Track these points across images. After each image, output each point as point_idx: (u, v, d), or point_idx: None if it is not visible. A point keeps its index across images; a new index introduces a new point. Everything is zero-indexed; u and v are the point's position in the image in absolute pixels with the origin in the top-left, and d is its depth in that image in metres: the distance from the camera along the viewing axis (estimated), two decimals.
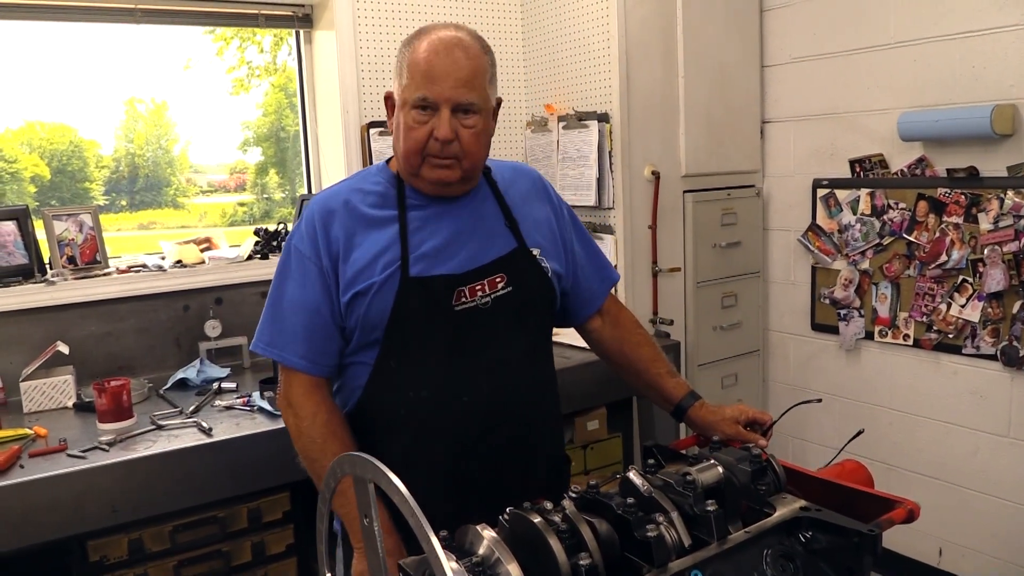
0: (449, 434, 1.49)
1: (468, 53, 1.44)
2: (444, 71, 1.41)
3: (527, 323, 1.56)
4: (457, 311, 1.47)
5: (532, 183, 1.68)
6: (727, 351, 3.34)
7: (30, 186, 3.04)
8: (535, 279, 1.56)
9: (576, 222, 1.74)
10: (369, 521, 0.96)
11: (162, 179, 3.38)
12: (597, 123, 2.99)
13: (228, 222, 3.54)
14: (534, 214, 1.62)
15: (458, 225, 1.52)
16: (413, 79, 1.43)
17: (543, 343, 1.65)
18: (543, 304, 1.59)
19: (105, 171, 3.25)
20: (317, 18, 3.19)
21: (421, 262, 1.47)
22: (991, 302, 2.62)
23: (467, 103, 1.44)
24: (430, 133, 1.43)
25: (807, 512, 1.21)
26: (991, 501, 2.73)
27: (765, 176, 3.41)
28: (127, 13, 2.86)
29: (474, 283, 1.49)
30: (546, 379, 1.64)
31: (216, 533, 2.18)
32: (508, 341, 1.52)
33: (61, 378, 2.48)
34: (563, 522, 1.08)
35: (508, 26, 3.41)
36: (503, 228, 1.56)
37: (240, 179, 3.58)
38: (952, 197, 2.70)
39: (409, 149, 1.45)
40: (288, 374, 1.50)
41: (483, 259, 1.51)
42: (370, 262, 1.46)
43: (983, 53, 2.60)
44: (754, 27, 3.30)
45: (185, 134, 3.41)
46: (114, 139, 3.24)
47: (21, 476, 1.90)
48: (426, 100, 1.42)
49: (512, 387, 1.52)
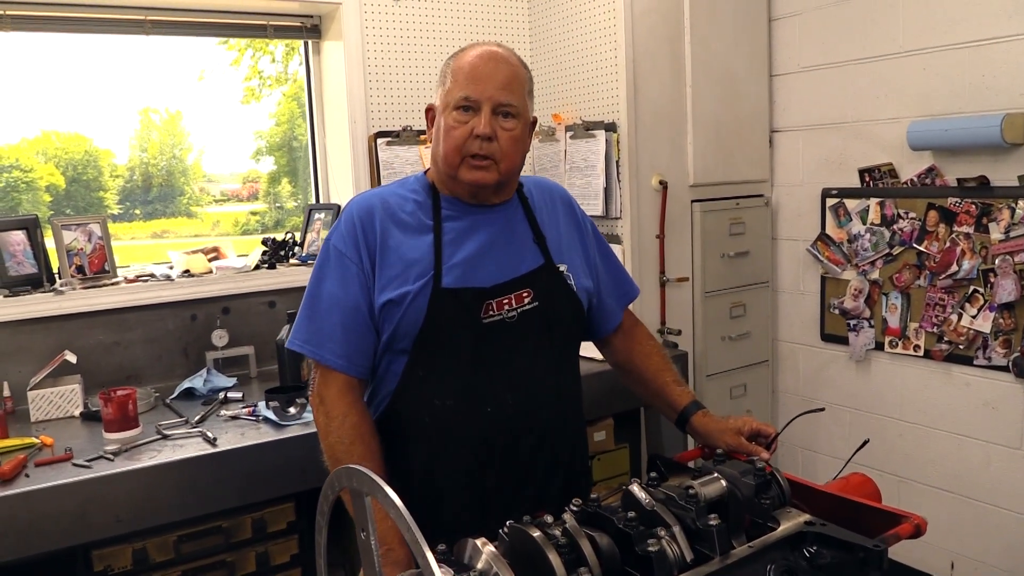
0: (472, 444, 1.51)
1: (510, 62, 1.53)
2: (487, 73, 1.49)
3: (552, 337, 1.58)
4: (485, 324, 1.50)
5: (559, 199, 1.72)
6: (736, 361, 3.32)
7: (45, 195, 3.06)
8: (561, 295, 1.59)
9: (599, 237, 1.78)
10: (366, 535, 0.95)
11: (175, 188, 3.40)
12: (604, 133, 2.98)
13: (240, 231, 3.55)
14: (561, 230, 1.67)
15: (490, 237, 1.56)
16: (457, 82, 1.50)
17: (569, 357, 1.67)
18: (569, 319, 1.62)
19: (119, 180, 3.27)
20: (325, 29, 3.21)
21: (452, 272, 1.50)
22: (1002, 313, 2.60)
23: (507, 104, 1.50)
24: (470, 132, 1.48)
25: (812, 527, 1.20)
26: (1004, 514, 2.70)
27: (774, 185, 3.39)
28: (137, 25, 2.88)
29: (501, 297, 1.52)
30: (570, 393, 1.66)
31: (220, 543, 2.17)
32: (533, 354, 1.55)
33: (68, 387, 2.49)
34: (563, 536, 1.07)
35: (516, 35, 3.42)
36: (531, 244, 1.60)
37: (253, 188, 3.59)
38: (962, 207, 2.67)
39: (449, 148, 1.50)
40: (324, 372, 1.52)
41: (512, 273, 1.54)
42: (404, 269, 1.50)
43: (993, 62, 2.58)
44: (763, 36, 3.29)
45: (199, 143, 3.44)
46: (128, 148, 3.26)
47: (27, 485, 1.90)
48: (469, 99, 1.48)
49: (535, 399, 1.55)
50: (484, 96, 1.48)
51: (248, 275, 2.95)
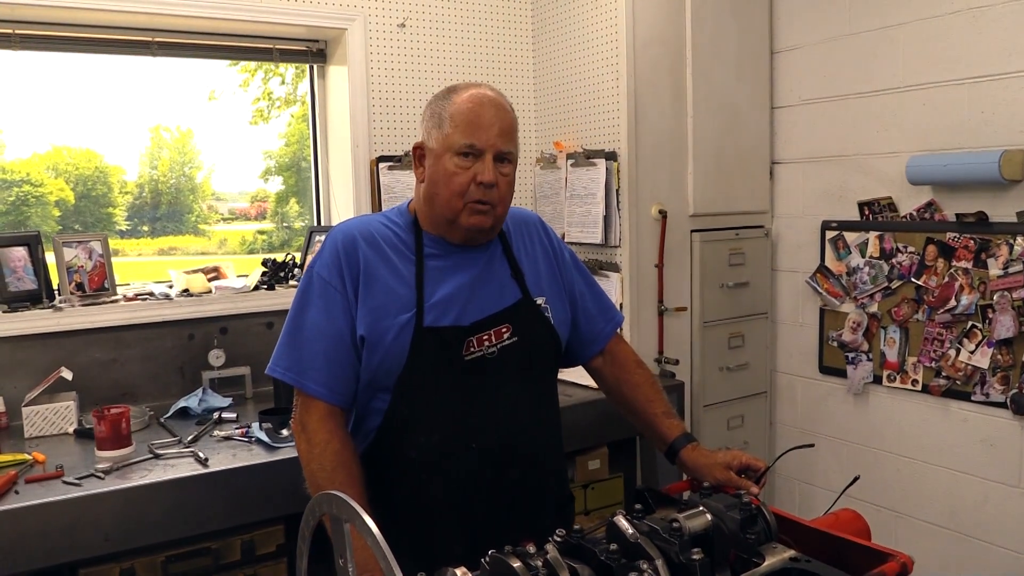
0: (459, 478, 1.52)
1: (506, 109, 1.55)
2: (489, 121, 1.50)
3: (532, 370, 1.60)
4: (467, 360, 1.52)
5: (533, 229, 1.73)
6: (734, 392, 3.31)
7: (55, 210, 3.08)
8: (539, 328, 1.61)
9: (578, 264, 1.78)
10: (344, 561, 0.95)
11: (184, 206, 3.42)
12: (605, 161, 3.00)
13: (247, 250, 3.57)
14: (539, 263, 1.68)
15: (470, 275, 1.57)
16: (458, 127, 1.49)
17: (548, 388, 1.69)
18: (547, 352, 1.64)
19: (128, 197, 3.29)
20: (331, 53, 3.24)
21: (434, 311, 1.51)
22: (1001, 349, 2.59)
23: (507, 152, 1.52)
24: (472, 178, 1.49)
25: (796, 563, 1.19)
26: (999, 552, 2.66)
27: (774, 217, 3.40)
28: (144, 46, 2.91)
29: (482, 333, 1.53)
30: (551, 423, 1.68)
31: (209, 565, 2.15)
32: (514, 388, 1.57)
33: (63, 404, 2.49)
34: (544, 568, 1.07)
35: (519, 63, 3.45)
36: (509, 279, 1.61)
37: (261, 207, 3.62)
38: (961, 242, 2.67)
39: (452, 193, 1.50)
40: (305, 400, 1.52)
41: (490, 309, 1.56)
42: (386, 306, 1.50)
43: (992, 98, 2.60)
44: (764, 68, 3.32)
45: (208, 161, 3.47)
46: (138, 165, 3.29)
47: (15, 502, 1.89)
48: (472, 147, 1.49)
49: (518, 432, 1.56)
50: (488, 144, 1.49)
51: (247, 295, 2.95)
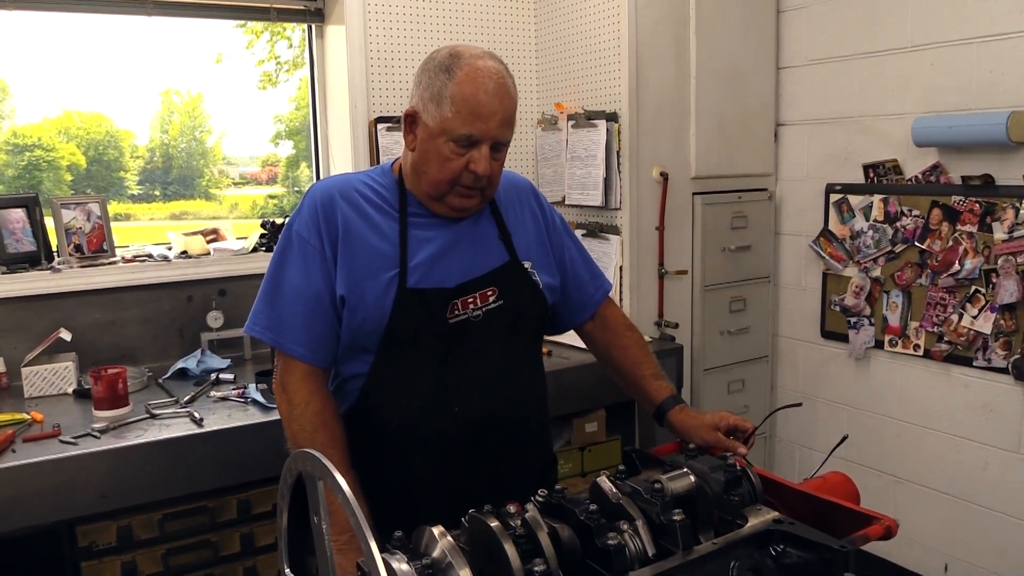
0: (441, 442, 1.50)
1: (509, 92, 1.46)
2: (492, 111, 1.42)
3: (517, 335, 1.57)
4: (451, 324, 1.49)
5: (524, 193, 1.70)
6: (735, 356, 3.29)
7: (67, 174, 3.07)
8: (526, 292, 1.58)
9: (568, 230, 1.75)
10: (319, 520, 0.95)
11: (195, 170, 3.41)
12: (605, 122, 2.96)
13: (258, 214, 3.55)
14: (526, 225, 1.64)
15: (455, 236, 1.54)
16: (459, 114, 1.41)
17: (533, 353, 1.67)
18: (534, 316, 1.60)
19: (140, 161, 3.28)
20: (329, 13, 3.19)
21: (417, 271, 1.48)
22: (1004, 314, 2.56)
23: (505, 141, 1.47)
24: (465, 165, 1.44)
25: (780, 525, 1.18)
26: (999, 518, 2.66)
27: (778, 179, 3.35)
28: (138, 4, 2.87)
29: (466, 296, 1.50)
30: (536, 388, 1.66)
31: (205, 523, 2.18)
32: (499, 353, 1.54)
33: (62, 364, 2.51)
34: (522, 527, 1.06)
35: (521, 23, 3.39)
36: (496, 241, 1.58)
37: (272, 171, 3.60)
38: (966, 205, 2.63)
39: (442, 179, 1.46)
40: (285, 360, 1.50)
41: (476, 272, 1.53)
42: (367, 264, 1.47)
43: (1002, 58, 2.53)
44: (770, 28, 3.24)
45: (219, 126, 3.44)
46: (149, 130, 3.27)
47: (12, 460, 1.91)
48: (472, 138, 1.43)
49: (502, 397, 1.54)
50: (487, 136, 1.43)
51: (246, 257, 2.95)
